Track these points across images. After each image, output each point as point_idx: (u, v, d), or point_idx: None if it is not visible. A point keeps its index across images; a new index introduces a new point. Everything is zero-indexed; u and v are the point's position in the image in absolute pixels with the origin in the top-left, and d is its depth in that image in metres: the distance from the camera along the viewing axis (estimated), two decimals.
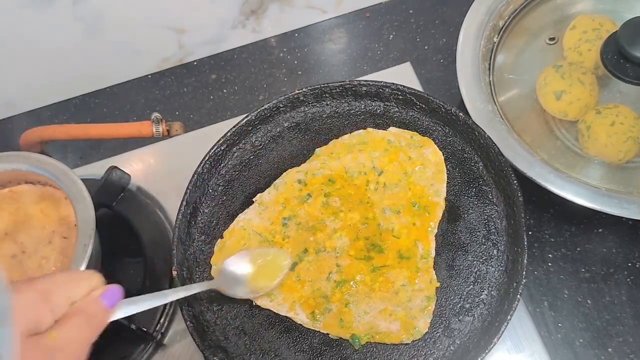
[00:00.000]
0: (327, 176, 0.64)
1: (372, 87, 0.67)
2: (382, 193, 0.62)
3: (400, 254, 0.59)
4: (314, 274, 0.59)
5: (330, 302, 0.58)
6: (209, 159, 0.65)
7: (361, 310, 0.57)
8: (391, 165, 0.64)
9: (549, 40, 0.74)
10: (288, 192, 0.63)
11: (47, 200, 0.62)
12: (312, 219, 0.62)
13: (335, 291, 0.58)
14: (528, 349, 0.61)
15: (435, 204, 0.61)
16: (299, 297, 0.58)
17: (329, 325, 0.57)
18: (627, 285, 0.66)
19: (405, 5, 0.88)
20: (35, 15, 0.72)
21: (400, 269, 0.59)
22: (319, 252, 0.60)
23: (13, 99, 0.83)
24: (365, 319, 0.57)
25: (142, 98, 0.85)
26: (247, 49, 0.87)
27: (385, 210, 0.62)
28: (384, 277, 0.59)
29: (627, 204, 0.60)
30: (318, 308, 0.58)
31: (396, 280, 0.58)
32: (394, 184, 0.63)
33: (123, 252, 0.69)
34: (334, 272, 0.59)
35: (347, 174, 0.64)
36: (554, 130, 0.69)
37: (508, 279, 0.58)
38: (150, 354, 0.64)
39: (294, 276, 0.59)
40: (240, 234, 0.62)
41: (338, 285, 0.58)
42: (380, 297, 0.58)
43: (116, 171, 0.68)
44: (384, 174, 0.63)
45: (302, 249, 0.60)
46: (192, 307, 0.59)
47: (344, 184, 0.63)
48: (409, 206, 0.61)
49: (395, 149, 0.64)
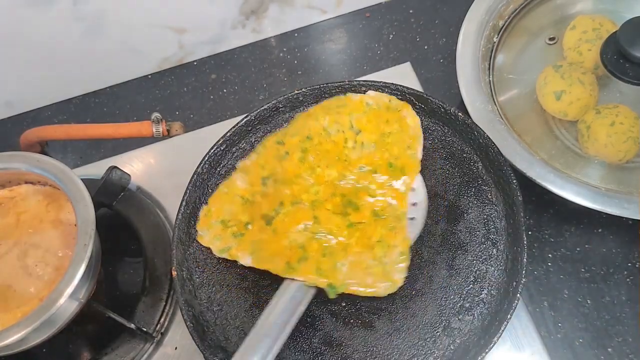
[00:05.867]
0: (305, 134, 0.64)
1: (372, 87, 0.67)
2: (359, 151, 0.63)
3: (376, 212, 0.60)
4: (290, 225, 0.59)
5: (306, 252, 0.58)
6: (209, 159, 0.65)
7: (338, 262, 0.58)
8: (369, 125, 0.64)
9: (549, 40, 0.74)
10: (268, 154, 0.64)
11: (47, 200, 0.62)
12: (289, 173, 0.62)
13: (311, 242, 0.58)
14: (528, 348, 0.61)
15: (411, 165, 0.62)
16: (275, 248, 0.58)
17: (306, 271, 0.57)
18: (627, 285, 0.66)
19: (405, 5, 0.88)
20: (35, 15, 0.72)
21: (376, 226, 0.59)
22: (295, 204, 0.60)
23: (13, 99, 0.83)
24: (342, 270, 0.57)
25: (142, 98, 0.85)
26: (247, 49, 0.87)
27: (361, 168, 0.62)
28: (360, 233, 0.59)
29: (627, 204, 0.60)
30: (293, 257, 0.58)
31: (372, 236, 0.59)
32: (371, 143, 0.63)
33: (123, 252, 0.69)
34: (311, 222, 0.59)
35: (325, 132, 0.64)
36: (554, 130, 0.69)
37: (508, 279, 0.58)
38: (150, 354, 0.64)
39: (270, 230, 0.60)
40: (224, 198, 0.62)
41: (315, 235, 0.59)
42: (356, 251, 0.58)
43: (116, 171, 0.68)
44: (361, 133, 0.64)
45: (278, 203, 0.61)
46: (192, 307, 0.59)
47: (322, 140, 0.63)
48: (385, 166, 0.62)
49: (374, 111, 0.65)
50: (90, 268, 0.56)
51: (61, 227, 0.60)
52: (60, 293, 0.52)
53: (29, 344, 0.55)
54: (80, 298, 0.57)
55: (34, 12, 0.71)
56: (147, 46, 0.82)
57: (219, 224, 0.61)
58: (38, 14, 0.71)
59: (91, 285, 0.58)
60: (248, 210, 0.61)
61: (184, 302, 0.58)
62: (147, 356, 0.64)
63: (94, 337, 0.65)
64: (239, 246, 0.60)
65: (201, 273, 0.62)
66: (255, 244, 0.59)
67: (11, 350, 0.54)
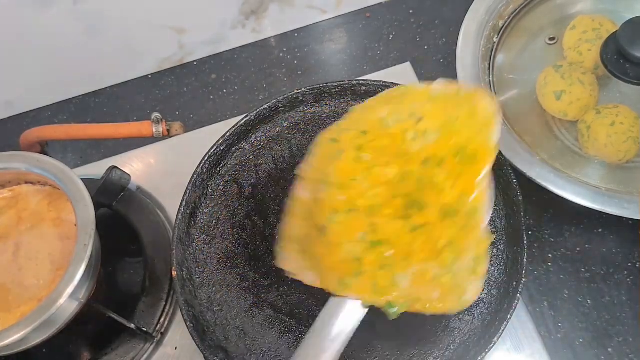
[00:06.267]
0: (360, 129, 0.55)
1: (372, 87, 0.67)
2: (421, 142, 0.53)
3: (444, 210, 0.51)
4: (344, 235, 0.51)
5: (362, 265, 0.50)
6: (209, 159, 0.65)
7: (398, 275, 0.50)
8: (434, 110, 0.54)
9: (549, 40, 0.74)
10: (322, 154, 0.56)
11: (47, 200, 0.62)
12: (343, 175, 0.53)
13: (368, 253, 0.50)
14: (528, 348, 0.61)
15: (484, 151, 0.52)
16: (329, 262, 0.52)
17: (361, 289, 0.50)
18: (627, 285, 0.66)
19: (405, 5, 0.88)
20: (35, 15, 0.72)
21: (444, 227, 0.50)
22: (349, 211, 0.52)
23: (13, 99, 0.83)
24: (403, 284, 0.50)
25: (142, 98, 0.85)
26: (247, 49, 0.87)
27: (425, 161, 0.52)
28: (425, 237, 0.50)
29: (627, 204, 0.60)
30: (348, 272, 0.51)
31: (439, 239, 0.50)
32: (435, 130, 0.53)
33: (123, 252, 0.69)
34: (368, 232, 0.51)
35: (382, 124, 0.55)
36: (554, 130, 0.69)
37: (508, 278, 0.58)
38: (150, 354, 0.64)
39: (323, 240, 0.52)
40: (291, 212, 0.57)
41: (373, 246, 0.50)
42: (420, 259, 0.50)
43: (116, 171, 0.68)
44: (423, 120, 0.54)
45: (332, 210, 0.52)
46: (192, 307, 0.59)
47: (378, 134, 0.54)
48: (453, 155, 0.52)
49: (440, 97, 0.56)
50: (90, 268, 0.56)
51: (61, 227, 0.60)
52: (60, 293, 0.52)
53: (29, 344, 0.55)
54: (80, 298, 0.56)
55: (34, 12, 0.71)
56: (147, 46, 0.82)
57: (293, 243, 0.56)
58: (38, 13, 0.71)
59: (91, 285, 0.58)
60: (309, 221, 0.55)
61: (184, 302, 0.58)
62: (147, 356, 0.64)
63: (94, 337, 0.65)
64: (304, 263, 0.54)
65: (201, 273, 0.62)
66: (313, 259, 0.53)
67: (11, 350, 0.54)
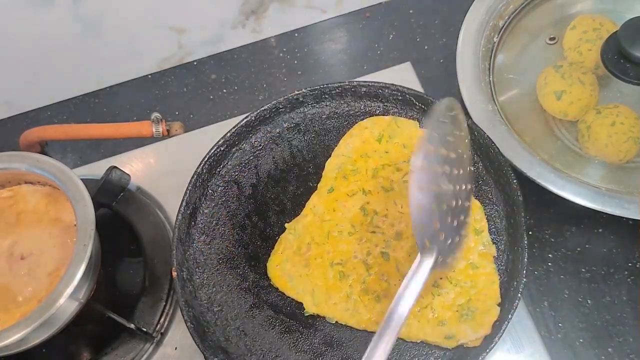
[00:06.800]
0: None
1: (372, 88, 0.67)
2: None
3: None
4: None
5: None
6: (209, 159, 0.65)
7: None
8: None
9: (549, 40, 0.74)
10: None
11: (47, 200, 0.62)
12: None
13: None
14: (528, 349, 0.61)
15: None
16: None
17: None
18: (627, 285, 0.66)
19: (405, 5, 0.88)
20: (35, 15, 0.72)
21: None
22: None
23: (13, 99, 0.83)
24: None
25: (142, 98, 0.85)
26: (247, 49, 0.87)
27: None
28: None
29: (627, 204, 0.60)
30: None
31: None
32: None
33: (123, 252, 0.69)
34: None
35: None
36: (554, 130, 0.69)
37: (508, 278, 0.58)
38: (150, 354, 0.64)
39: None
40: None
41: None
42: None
43: (116, 171, 0.68)
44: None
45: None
46: (193, 307, 0.59)
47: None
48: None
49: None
50: (90, 268, 0.56)
51: (61, 227, 0.60)
52: (60, 293, 0.52)
53: (28, 344, 0.55)
54: (80, 298, 0.56)
55: (34, 12, 0.71)
56: (147, 46, 0.82)
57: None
58: (38, 13, 0.71)
59: (91, 285, 0.58)
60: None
61: (184, 303, 0.58)
62: (147, 356, 0.63)
63: (94, 337, 0.65)
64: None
65: (201, 274, 0.62)
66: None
67: (11, 350, 0.54)
